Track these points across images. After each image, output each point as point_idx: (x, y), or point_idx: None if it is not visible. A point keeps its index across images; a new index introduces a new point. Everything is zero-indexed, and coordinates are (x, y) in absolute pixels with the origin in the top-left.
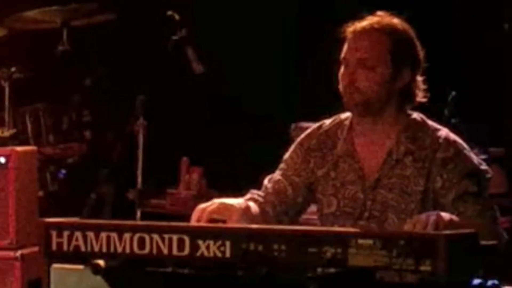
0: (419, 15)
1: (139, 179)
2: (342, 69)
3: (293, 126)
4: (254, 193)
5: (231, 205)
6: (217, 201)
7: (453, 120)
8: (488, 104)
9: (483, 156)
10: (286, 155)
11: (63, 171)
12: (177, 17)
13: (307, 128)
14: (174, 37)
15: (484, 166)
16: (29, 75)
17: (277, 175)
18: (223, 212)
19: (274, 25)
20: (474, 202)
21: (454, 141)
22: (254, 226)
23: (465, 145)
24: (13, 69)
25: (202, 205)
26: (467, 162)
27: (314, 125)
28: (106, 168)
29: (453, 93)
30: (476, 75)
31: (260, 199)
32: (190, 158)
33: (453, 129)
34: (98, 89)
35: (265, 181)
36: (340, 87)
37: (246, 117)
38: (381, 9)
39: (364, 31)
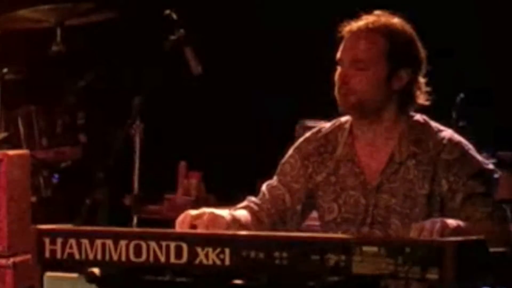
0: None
1: (136, 184)
2: (337, 70)
3: (298, 125)
4: (250, 200)
5: (219, 216)
6: (206, 210)
7: (461, 123)
8: (495, 106)
9: (492, 160)
10: (284, 160)
11: (57, 175)
12: (175, 16)
13: (312, 127)
14: (172, 37)
15: (491, 166)
16: (21, 76)
17: (274, 181)
18: (209, 225)
19: (273, 24)
20: (483, 203)
21: (459, 142)
22: (255, 232)
23: (470, 145)
24: (5, 70)
25: (191, 213)
26: (473, 163)
27: (313, 129)
28: (101, 173)
29: (461, 95)
30: (482, 77)
31: (255, 207)
32: (189, 162)
33: (461, 132)
34: (93, 90)
35: (263, 187)
36: (335, 88)
37: (246, 120)
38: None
39: (360, 31)
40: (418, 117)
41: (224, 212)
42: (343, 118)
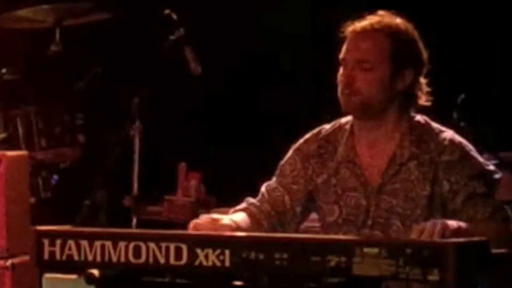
0: (426, 16)
1: (135, 185)
2: (340, 70)
3: None
4: (249, 202)
5: (219, 222)
6: (206, 216)
7: (462, 124)
8: (497, 107)
9: (494, 161)
10: (283, 161)
11: (56, 176)
12: (174, 16)
13: None
14: (171, 37)
15: (491, 167)
16: (20, 77)
17: (274, 182)
18: (211, 230)
19: (273, 25)
20: (484, 203)
21: (460, 143)
22: (255, 234)
23: (471, 146)
24: (3, 70)
25: (196, 221)
26: (474, 164)
27: (313, 130)
28: (100, 174)
29: (462, 96)
30: (485, 77)
31: (254, 209)
32: (188, 163)
33: (462, 132)
34: (92, 91)
35: (262, 188)
36: (338, 88)
37: (246, 120)
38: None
39: (364, 31)
40: (419, 118)
41: (226, 220)
42: (344, 119)
